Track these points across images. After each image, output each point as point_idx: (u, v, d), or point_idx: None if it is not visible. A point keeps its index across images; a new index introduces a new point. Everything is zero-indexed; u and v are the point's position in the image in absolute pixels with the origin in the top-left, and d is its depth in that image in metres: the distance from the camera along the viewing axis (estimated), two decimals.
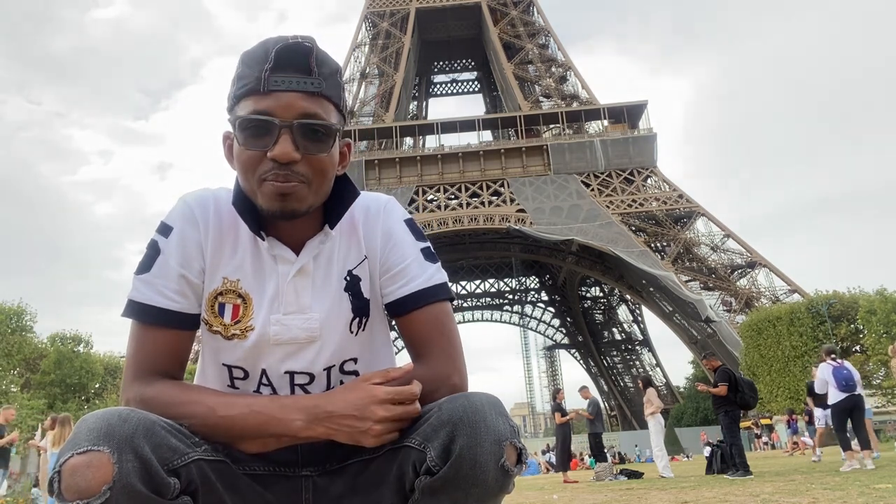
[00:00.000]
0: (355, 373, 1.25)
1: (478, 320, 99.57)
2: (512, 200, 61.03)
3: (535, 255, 75.05)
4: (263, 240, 1.18)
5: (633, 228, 58.27)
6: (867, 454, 8.39)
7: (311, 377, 1.22)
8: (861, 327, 35.96)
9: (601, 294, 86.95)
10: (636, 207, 59.26)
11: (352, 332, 1.23)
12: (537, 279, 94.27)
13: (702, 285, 56.14)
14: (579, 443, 32.18)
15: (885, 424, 38.30)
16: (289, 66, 1.10)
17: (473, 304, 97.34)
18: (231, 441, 1.09)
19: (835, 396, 8.57)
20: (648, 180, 62.44)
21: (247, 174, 1.13)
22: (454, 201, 62.34)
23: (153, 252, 1.17)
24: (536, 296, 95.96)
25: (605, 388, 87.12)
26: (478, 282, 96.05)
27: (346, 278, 1.23)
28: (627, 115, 66.08)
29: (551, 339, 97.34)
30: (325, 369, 1.23)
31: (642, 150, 62.77)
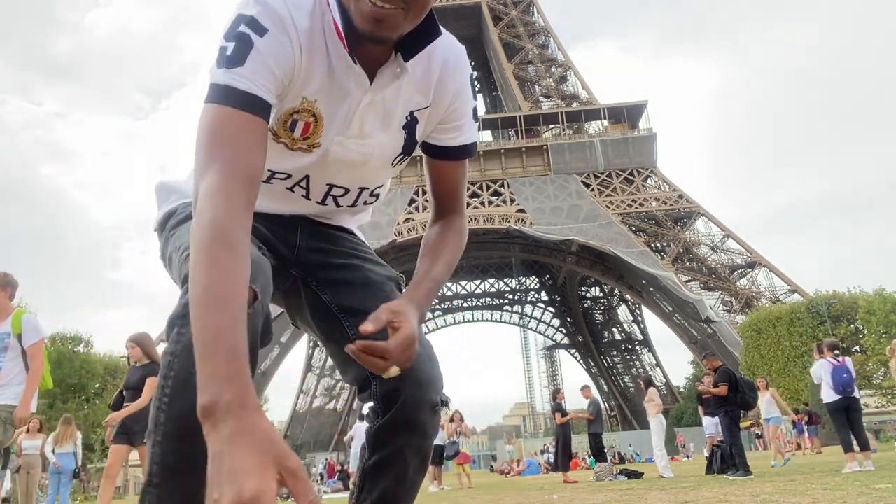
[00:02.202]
0: (377, 197, 1.42)
1: (478, 320, 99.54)
2: (512, 200, 61.05)
3: (534, 255, 75.07)
4: (356, 63, 1.14)
5: (633, 228, 58.29)
6: (866, 455, 8.38)
7: (346, 191, 1.35)
8: (861, 327, 36.00)
9: (601, 294, 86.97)
10: (636, 207, 59.28)
11: (392, 165, 1.34)
12: (537, 279, 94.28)
13: (702, 285, 56.18)
14: (579, 443, 32.21)
15: (885, 424, 38.34)
16: None
17: (473, 304, 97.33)
18: None
19: (828, 396, 8.51)
20: (648, 180, 62.48)
21: None
22: None
23: (243, 45, 1.04)
24: (536, 296, 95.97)
25: (605, 388, 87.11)
26: (478, 282, 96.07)
27: (407, 117, 1.26)
28: (627, 115, 66.12)
29: (551, 339, 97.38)
30: (360, 188, 1.36)
31: (642, 150, 62.80)
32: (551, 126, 68.54)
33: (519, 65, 73.69)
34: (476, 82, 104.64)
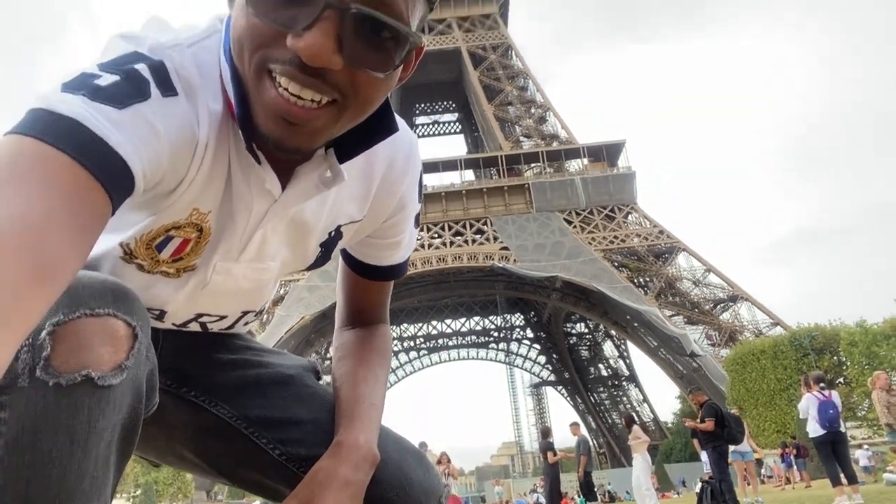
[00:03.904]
0: (261, 314, 1.04)
1: (463, 358, 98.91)
2: (495, 238, 61.35)
3: (519, 292, 75.14)
4: (259, 163, 0.76)
5: (616, 264, 58.72)
6: (855, 488, 8.39)
7: (222, 318, 0.96)
8: (844, 359, 36.26)
9: (586, 330, 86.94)
10: (618, 243, 59.84)
11: (279, 281, 1.01)
12: (522, 316, 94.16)
13: (685, 319, 56.43)
14: (568, 482, 31.79)
15: (871, 456, 38.28)
16: None
17: (459, 342, 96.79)
18: None
19: (814, 430, 8.58)
20: (629, 217, 63.23)
21: (243, 54, 0.68)
22: (437, 240, 62.51)
23: (132, 88, 0.65)
24: (522, 333, 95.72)
25: (594, 425, 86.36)
26: (463, 320, 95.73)
27: (330, 233, 0.92)
28: (606, 153, 67.26)
29: (538, 376, 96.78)
30: (243, 312, 0.98)
31: (622, 187, 63.73)
32: (532, 165, 69.47)
33: (499, 106, 74.95)
34: (458, 123, 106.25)
